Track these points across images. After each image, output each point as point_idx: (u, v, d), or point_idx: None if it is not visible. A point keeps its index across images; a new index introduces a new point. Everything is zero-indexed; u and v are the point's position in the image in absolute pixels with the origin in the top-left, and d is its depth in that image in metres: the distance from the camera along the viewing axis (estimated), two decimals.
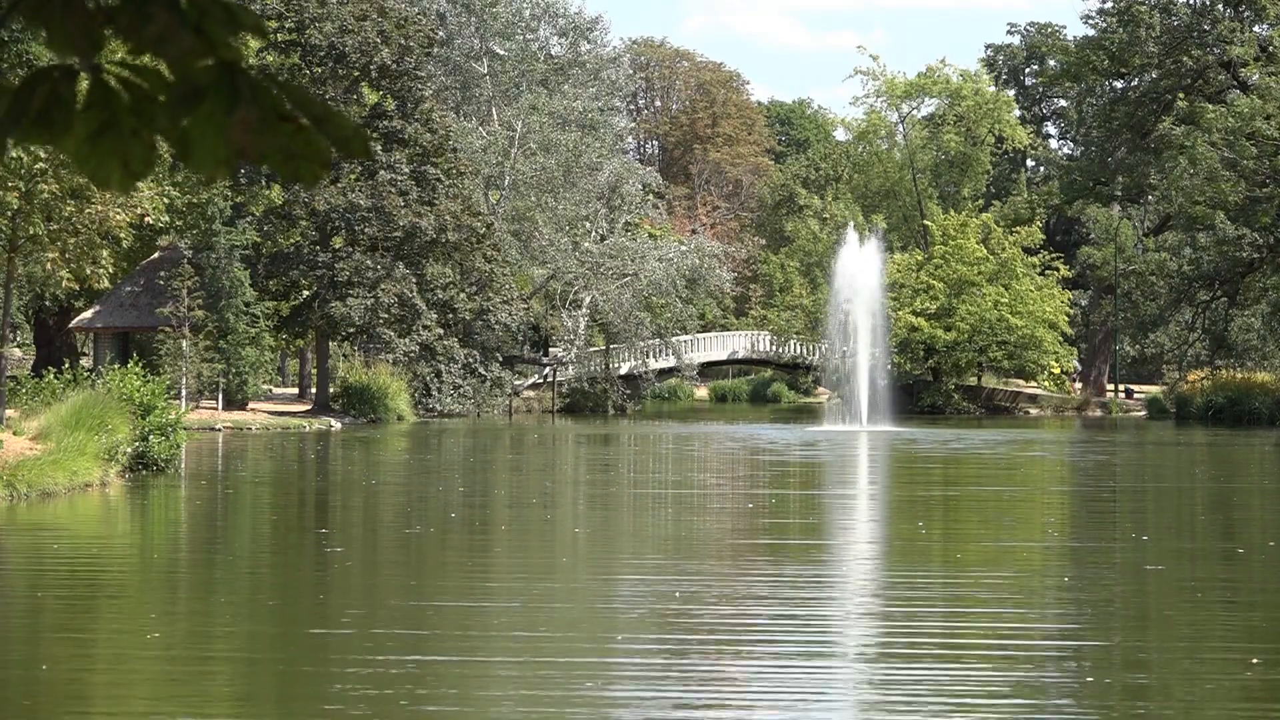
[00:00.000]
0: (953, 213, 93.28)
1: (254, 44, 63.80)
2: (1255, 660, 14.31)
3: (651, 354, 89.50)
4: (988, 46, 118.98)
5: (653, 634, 15.49)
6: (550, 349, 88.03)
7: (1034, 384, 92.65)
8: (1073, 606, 17.69)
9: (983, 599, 18.12)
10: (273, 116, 2.89)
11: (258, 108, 2.88)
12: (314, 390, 72.08)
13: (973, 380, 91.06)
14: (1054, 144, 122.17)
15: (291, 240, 69.24)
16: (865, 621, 16.58)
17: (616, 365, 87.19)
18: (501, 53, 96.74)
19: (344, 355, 77.51)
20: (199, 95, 2.87)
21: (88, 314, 68.59)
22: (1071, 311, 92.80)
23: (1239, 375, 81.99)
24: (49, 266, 42.93)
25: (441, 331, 70.60)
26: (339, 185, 67.69)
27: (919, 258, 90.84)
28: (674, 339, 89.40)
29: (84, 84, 2.92)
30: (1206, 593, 19.00)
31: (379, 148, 68.49)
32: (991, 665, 13.97)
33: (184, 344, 60.42)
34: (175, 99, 2.88)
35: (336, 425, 62.88)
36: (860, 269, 73.55)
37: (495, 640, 15.21)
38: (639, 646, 14.86)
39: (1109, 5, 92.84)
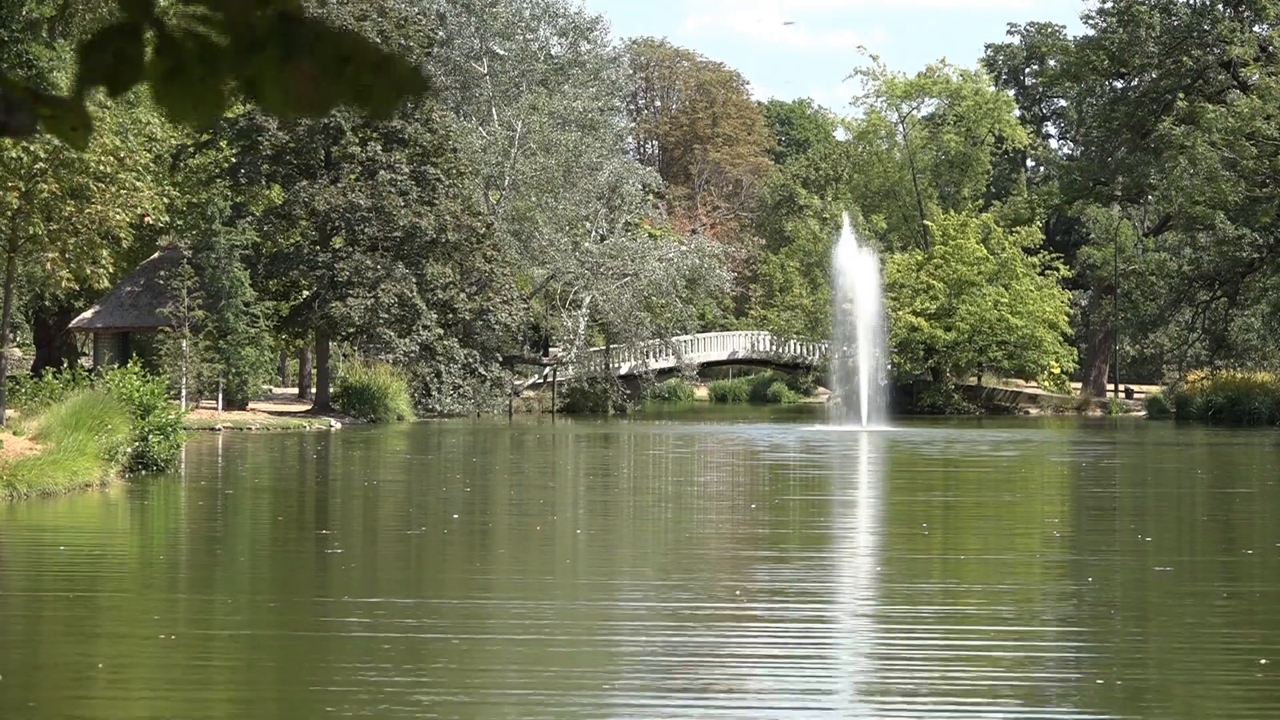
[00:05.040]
0: (953, 213, 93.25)
1: None
2: (1263, 661, 14.25)
3: (651, 354, 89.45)
4: (988, 46, 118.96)
5: (654, 637, 15.44)
6: (550, 349, 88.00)
7: (1034, 384, 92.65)
8: (1075, 610, 17.64)
9: (983, 601, 18.07)
10: (333, 63, 2.88)
11: (314, 58, 2.87)
12: (314, 390, 72.03)
13: (973, 380, 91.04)
14: (1054, 144, 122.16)
15: (291, 240, 69.21)
16: (866, 628, 16.54)
17: (616, 365, 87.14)
18: (501, 53, 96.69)
19: (344, 355, 77.44)
20: (259, 45, 2.87)
21: (88, 314, 68.54)
22: (1071, 311, 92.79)
23: (1239, 375, 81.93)
24: (49, 266, 42.90)
25: (441, 331, 70.56)
26: (339, 185, 67.65)
27: (919, 258, 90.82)
28: (674, 339, 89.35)
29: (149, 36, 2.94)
30: (1212, 595, 18.93)
31: (379, 148, 68.49)
32: (992, 668, 13.91)
33: (184, 344, 60.37)
34: (236, 48, 2.88)
35: (336, 425, 62.83)
36: (859, 269, 73.53)
37: (497, 645, 15.16)
38: (640, 650, 14.81)
39: (1109, 5, 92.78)
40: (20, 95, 2.98)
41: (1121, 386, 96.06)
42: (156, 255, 67.99)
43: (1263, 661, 14.19)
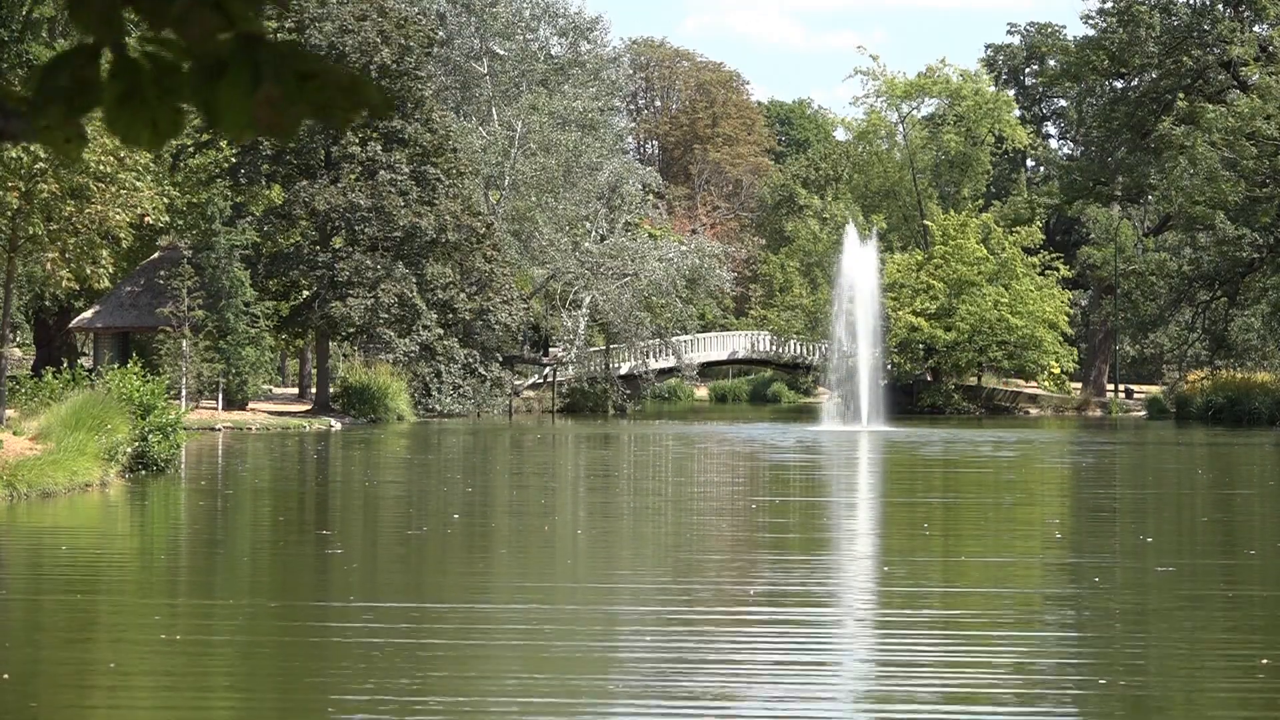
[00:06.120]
0: (953, 213, 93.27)
1: None
2: (1264, 661, 14.24)
3: (651, 354, 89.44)
4: (988, 46, 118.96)
5: (654, 641, 15.43)
6: (550, 349, 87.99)
7: (1034, 384, 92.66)
8: (1076, 613, 17.62)
9: (984, 604, 18.06)
10: (295, 86, 2.87)
11: (280, 82, 2.86)
12: (314, 390, 72.02)
13: (973, 380, 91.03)
14: (1054, 144, 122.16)
15: (291, 240, 69.21)
16: (866, 632, 16.54)
17: (616, 365, 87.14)
18: (501, 53, 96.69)
19: (344, 355, 77.45)
20: (221, 69, 2.86)
21: (88, 314, 68.53)
22: (1071, 311, 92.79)
23: (1239, 375, 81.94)
24: (49, 266, 42.88)
25: (441, 331, 70.55)
26: (339, 185, 67.64)
27: (919, 258, 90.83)
28: (674, 339, 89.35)
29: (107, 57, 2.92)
30: (1213, 598, 18.93)
31: (379, 148, 68.50)
32: (993, 672, 13.90)
33: (184, 344, 60.37)
34: (197, 72, 2.87)
35: (336, 425, 62.82)
36: (860, 269, 73.55)
37: (497, 648, 15.14)
38: (641, 654, 14.80)
39: (1109, 5, 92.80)
40: (15, 103, 2.98)
41: (1121, 386, 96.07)
42: (156, 255, 67.97)
43: (1264, 661, 14.18)
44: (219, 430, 57.26)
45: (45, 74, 2.91)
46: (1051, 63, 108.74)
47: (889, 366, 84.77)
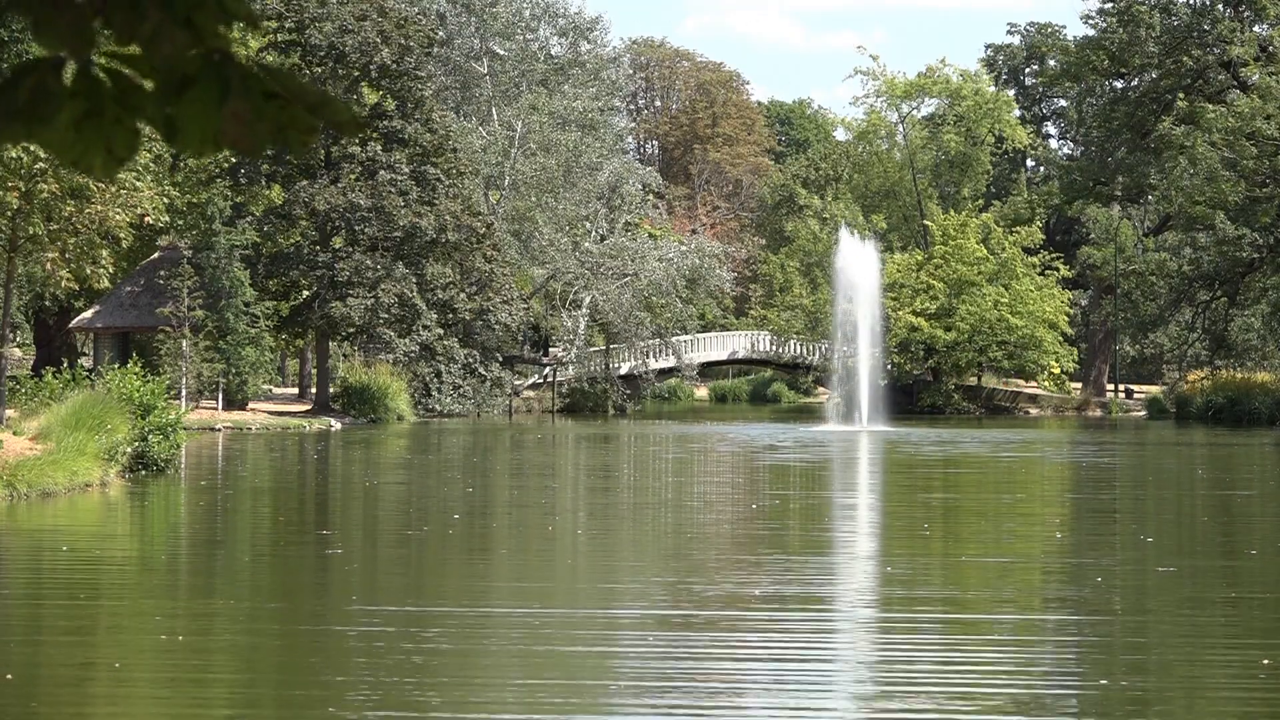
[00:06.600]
0: (953, 213, 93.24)
1: (254, 44, 63.78)
2: (1265, 661, 14.23)
3: (651, 354, 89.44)
4: (988, 46, 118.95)
5: (654, 644, 15.43)
6: (550, 349, 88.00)
7: (1034, 384, 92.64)
8: (1076, 614, 17.62)
9: (984, 605, 18.06)
10: (261, 102, 2.87)
11: (248, 98, 2.86)
12: (314, 390, 72.01)
13: (973, 380, 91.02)
14: (1054, 144, 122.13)
15: (291, 240, 69.20)
16: (866, 634, 16.54)
17: (616, 365, 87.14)
18: (501, 53, 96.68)
19: (344, 355, 77.44)
20: (187, 85, 2.85)
21: (88, 314, 68.52)
22: (1071, 311, 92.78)
23: (1239, 375, 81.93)
24: (49, 266, 42.89)
25: (441, 331, 70.55)
26: (339, 185, 67.62)
27: (919, 258, 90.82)
28: (674, 339, 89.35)
29: (70, 71, 2.89)
30: (1214, 598, 18.92)
31: (379, 148, 68.50)
32: (993, 673, 13.90)
33: (184, 344, 60.37)
34: (163, 89, 2.85)
35: (336, 425, 62.81)
36: (860, 269, 73.54)
37: (498, 649, 15.14)
38: (640, 656, 14.80)
39: (1109, 5, 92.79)
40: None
41: (1121, 386, 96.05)
42: (156, 255, 67.97)
43: (1264, 662, 14.17)
44: (219, 430, 57.26)
45: (6, 85, 2.89)
46: (1051, 63, 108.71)
47: (889, 366, 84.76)
